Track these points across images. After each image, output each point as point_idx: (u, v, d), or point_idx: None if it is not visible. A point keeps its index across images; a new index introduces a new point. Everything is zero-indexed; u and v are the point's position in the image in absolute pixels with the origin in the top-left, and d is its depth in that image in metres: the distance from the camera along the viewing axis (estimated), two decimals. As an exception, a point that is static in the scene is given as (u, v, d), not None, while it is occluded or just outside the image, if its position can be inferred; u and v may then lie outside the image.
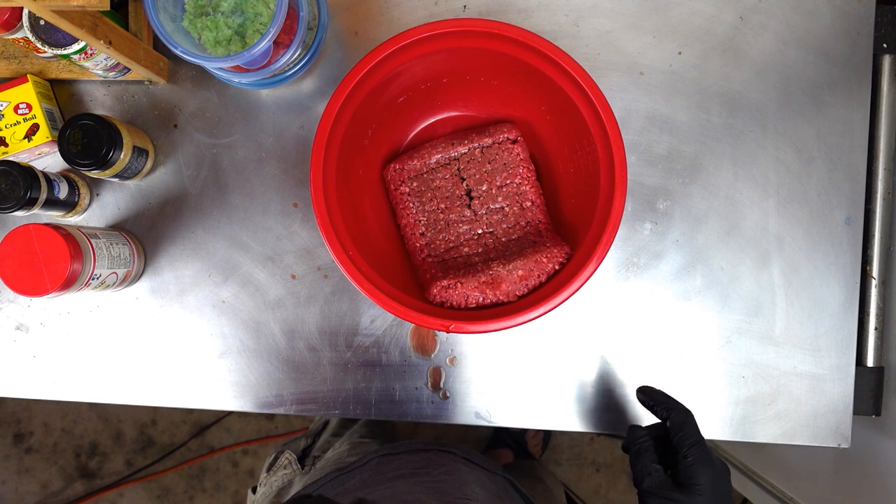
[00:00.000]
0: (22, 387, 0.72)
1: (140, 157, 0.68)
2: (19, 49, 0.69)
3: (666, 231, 0.71)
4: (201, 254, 0.72)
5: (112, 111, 0.72)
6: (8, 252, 0.59)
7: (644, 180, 0.71)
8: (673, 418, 0.54)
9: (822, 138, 0.71)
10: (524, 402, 0.72)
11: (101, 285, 0.66)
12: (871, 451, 0.78)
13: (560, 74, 0.58)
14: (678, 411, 0.54)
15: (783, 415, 0.71)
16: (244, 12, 0.60)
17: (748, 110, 0.71)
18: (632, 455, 0.54)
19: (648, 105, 0.71)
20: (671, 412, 0.54)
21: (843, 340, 0.71)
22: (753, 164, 0.71)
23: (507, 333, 0.71)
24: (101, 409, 1.69)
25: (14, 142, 0.68)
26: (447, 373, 0.72)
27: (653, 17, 0.71)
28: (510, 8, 0.71)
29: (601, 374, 0.71)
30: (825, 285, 0.71)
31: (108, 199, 0.72)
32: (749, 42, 0.71)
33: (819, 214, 0.71)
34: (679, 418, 0.53)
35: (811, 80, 0.71)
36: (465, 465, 0.68)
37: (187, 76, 0.71)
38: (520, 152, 0.66)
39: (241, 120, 0.71)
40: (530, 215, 0.66)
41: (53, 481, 1.67)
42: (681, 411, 0.54)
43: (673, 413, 0.54)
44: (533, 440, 1.54)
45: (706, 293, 0.71)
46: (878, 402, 0.73)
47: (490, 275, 0.61)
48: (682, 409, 0.54)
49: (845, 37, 0.70)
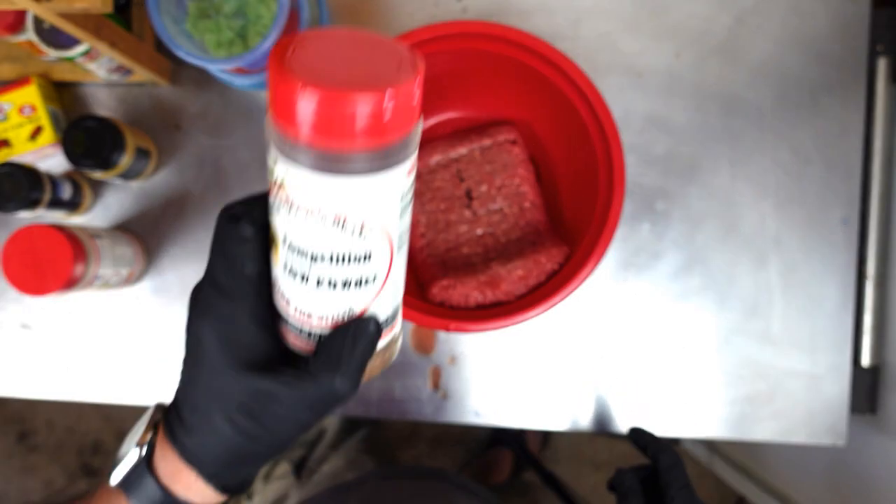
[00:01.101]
0: (25, 386, 0.73)
1: (143, 158, 0.68)
2: (24, 51, 0.69)
3: (664, 231, 0.72)
4: (203, 254, 0.72)
5: (115, 113, 0.72)
6: (12, 252, 0.60)
7: (642, 181, 0.72)
8: (662, 461, 0.54)
9: (818, 139, 0.71)
10: (524, 402, 0.72)
11: (104, 285, 0.66)
12: (866, 449, 0.79)
13: (559, 76, 0.59)
14: (668, 454, 0.55)
15: (780, 413, 0.72)
16: (246, 15, 0.61)
17: (745, 111, 0.71)
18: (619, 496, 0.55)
19: (647, 106, 0.71)
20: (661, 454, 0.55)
21: (839, 339, 0.72)
22: (751, 165, 0.72)
23: (506, 333, 0.72)
24: (104, 408, 1.69)
25: (18, 143, 0.68)
26: (447, 372, 0.72)
27: (651, 20, 0.71)
28: (510, 10, 0.71)
29: (600, 374, 0.72)
30: (822, 285, 0.72)
31: (111, 200, 0.72)
32: (746, 44, 0.71)
33: (816, 215, 0.72)
34: (668, 461, 0.54)
35: (808, 82, 0.71)
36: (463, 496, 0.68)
37: (190, 78, 0.72)
38: (519, 153, 0.66)
39: (242, 122, 0.72)
40: (530, 216, 0.66)
41: (57, 479, 1.68)
42: (670, 455, 0.55)
43: (662, 455, 0.55)
44: (532, 439, 1.54)
45: (704, 293, 0.72)
46: (874, 400, 0.74)
47: (490, 275, 0.62)
48: (672, 453, 0.55)
49: (841, 39, 0.71)
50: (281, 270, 0.27)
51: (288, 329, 0.30)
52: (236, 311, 0.29)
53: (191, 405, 0.31)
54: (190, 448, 0.31)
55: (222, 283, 0.29)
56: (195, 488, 0.32)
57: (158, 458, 0.32)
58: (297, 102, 0.21)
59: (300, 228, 0.25)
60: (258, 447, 0.31)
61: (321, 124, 0.21)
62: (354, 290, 0.27)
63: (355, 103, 0.21)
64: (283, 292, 0.28)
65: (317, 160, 0.22)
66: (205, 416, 0.30)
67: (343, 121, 0.21)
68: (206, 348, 0.29)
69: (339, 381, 0.28)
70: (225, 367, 0.29)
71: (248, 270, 0.29)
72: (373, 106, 0.21)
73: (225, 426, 0.30)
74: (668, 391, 0.72)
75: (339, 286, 0.27)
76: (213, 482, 0.32)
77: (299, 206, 0.24)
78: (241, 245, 0.28)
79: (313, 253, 0.25)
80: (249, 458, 0.32)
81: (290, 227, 0.25)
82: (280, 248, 0.26)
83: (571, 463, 1.61)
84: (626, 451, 1.59)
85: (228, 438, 0.30)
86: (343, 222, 0.24)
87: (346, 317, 0.28)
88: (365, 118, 0.21)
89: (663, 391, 0.72)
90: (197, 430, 0.31)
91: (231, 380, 0.29)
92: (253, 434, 0.30)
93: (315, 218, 0.24)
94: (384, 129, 0.22)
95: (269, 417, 0.29)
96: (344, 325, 0.28)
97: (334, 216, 0.24)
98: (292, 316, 0.29)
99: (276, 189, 0.25)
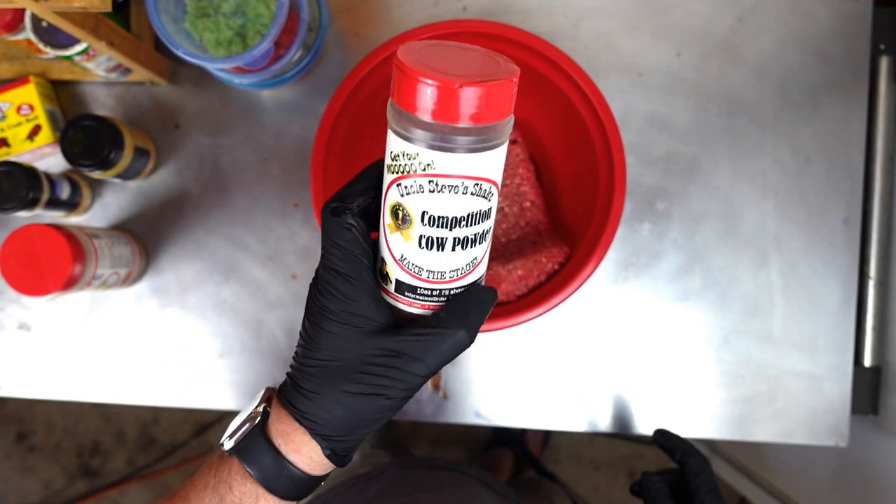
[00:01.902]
0: (24, 387, 0.73)
1: (142, 157, 0.68)
2: (22, 50, 0.69)
3: (665, 231, 0.72)
4: (202, 254, 0.72)
5: (114, 112, 0.72)
6: (10, 252, 0.60)
7: (643, 181, 0.71)
8: (691, 464, 0.54)
9: (819, 139, 0.71)
10: (524, 402, 0.72)
11: (102, 285, 0.66)
12: (868, 449, 0.79)
13: (559, 76, 0.58)
14: (697, 458, 0.55)
15: (781, 414, 0.72)
16: (245, 13, 0.61)
17: (746, 111, 0.71)
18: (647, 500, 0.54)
19: (647, 106, 0.71)
20: (689, 458, 0.55)
21: (840, 340, 0.71)
22: (752, 165, 0.71)
23: (506, 333, 0.72)
24: (102, 409, 1.69)
25: (17, 142, 0.68)
26: (447, 372, 0.72)
27: (652, 19, 0.71)
28: (510, 9, 0.71)
29: (600, 374, 0.72)
30: (823, 285, 0.71)
31: (109, 200, 0.72)
32: (747, 43, 0.71)
33: (817, 215, 0.71)
34: (697, 465, 0.54)
35: (809, 81, 0.71)
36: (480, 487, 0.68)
37: (189, 77, 0.71)
38: (519, 153, 0.66)
39: (242, 121, 0.72)
40: (530, 215, 0.66)
41: (55, 480, 1.68)
42: (699, 458, 0.55)
43: (692, 459, 0.54)
44: (533, 439, 1.54)
45: (705, 293, 0.72)
46: (876, 401, 0.73)
47: (490, 274, 0.61)
48: (701, 456, 0.55)
49: (842, 38, 0.71)
50: (413, 246, 0.33)
51: (409, 300, 0.34)
52: (355, 289, 0.33)
53: (309, 373, 0.34)
54: (306, 410, 0.34)
55: (339, 267, 0.33)
56: (305, 450, 0.35)
57: (272, 422, 0.35)
58: (459, 98, 0.28)
59: (443, 201, 0.31)
60: (372, 408, 0.33)
61: (480, 110, 0.29)
62: (478, 245, 0.34)
63: (501, 90, 0.29)
64: (415, 263, 0.33)
65: (469, 142, 0.30)
66: (325, 380, 0.33)
67: (492, 105, 0.29)
68: (330, 320, 0.33)
69: (464, 332, 0.33)
70: (351, 333, 0.33)
71: (357, 252, 0.33)
72: (509, 91, 0.30)
73: (349, 385, 0.33)
74: (668, 391, 0.72)
75: (469, 244, 0.33)
76: (323, 444, 0.34)
77: (445, 183, 0.31)
78: (349, 232, 0.33)
79: (454, 217, 0.32)
80: (362, 421, 0.34)
81: (431, 203, 0.31)
82: (415, 226, 0.32)
83: (571, 463, 1.61)
84: (627, 451, 1.58)
85: (347, 398, 0.33)
86: (479, 187, 0.31)
87: (471, 267, 0.34)
88: (504, 101, 0.30)
89: (664, 391, 0.72)
90: (315, 395, 0.34)
91: (358, 342, 0.33)
92: (371, 392, 0.33)
93: (460, 189, 0.31)
94: (509, 108, 0.30)
95: (393, 372, 0.33)
96: (468, 288, 0.34)
97: (474, 183, 0.31)
98: (424, 281, 0.34)
99: (414, 174, 0.31)
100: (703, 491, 0.52)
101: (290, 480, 0.35)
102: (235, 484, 0.35)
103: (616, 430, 0.72)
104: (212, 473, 0.36)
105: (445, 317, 0.33)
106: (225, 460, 0.36)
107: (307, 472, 0.35)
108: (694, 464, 0.54)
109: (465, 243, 0.33)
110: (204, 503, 0.35)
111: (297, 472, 0.35)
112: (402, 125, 0.30)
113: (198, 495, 0.35)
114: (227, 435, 0.36)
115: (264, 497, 0.34)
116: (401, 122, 0.30)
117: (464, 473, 0.71)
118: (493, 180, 0.32)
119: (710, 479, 0.53)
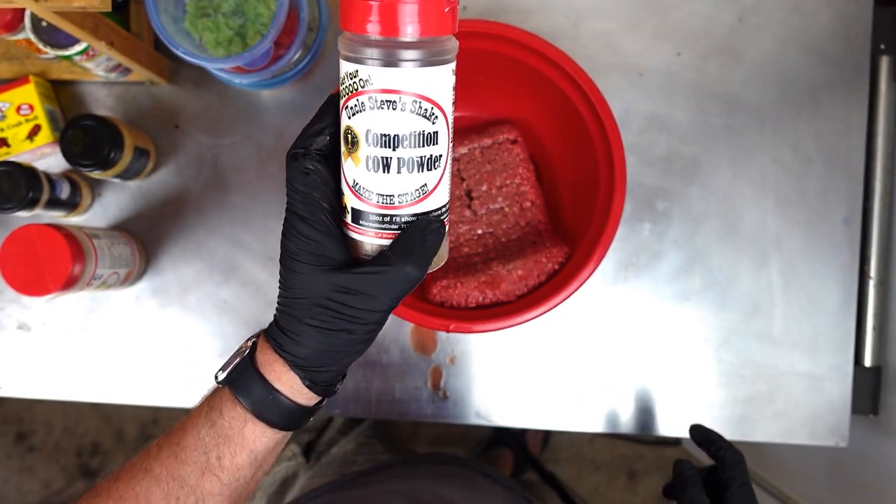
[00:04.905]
0: (24, 387, 0.73)
1: (141, 157, 0.68)
2: (21, 50, 0.69)
3: (665, 231, 0.72)
4: (202, 254, 0.72)
5: (114, 112, 0.72)
6: (10, 252, 0.60)
7: (643, 180, 0.71)
8: (728, 457, 0.55)
9: (820, 139, 0.71)
10: (524, 402, 0.72)
11: (102, 285, 0.66)
12: (868, 449, 0.79)
13: (559, 75, 0.58)
14: (733, 451, 0.55)
15: (781, 414, 0.72)
16: (245, 13, 0.61)
17: (746, 111, 0.71)
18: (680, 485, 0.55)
19: (647, 106, 0.71)
20: (726, 451, 0.55)
21: (841, 340, 0.71)
22: (752, 165, 0.71)
23: (506, 333, 0.72)
24: (102, 409, 1.69)
25: (16, 142, 0.68)
26: (447, 372, 0.72)
27: (652, 19, 0.71)
28: (510, 9, 0.71)
29: (600, 374, 0.72)
30: (823, 285, 0.71)
31: (109, 200, 0.72)
32: (747, 43, 0.71)
33: (817, 214, 0.71)
34: (734, 458, 0.54)
35: (809, 81, 0.71)
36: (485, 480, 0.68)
37: (188, 77, 0.71)
38: (519, 153, 0.66)
39: (241, 120, 0.72)
40: (530, 215, 0.66)
41: (55, 480, 1.68)
42: (735, 452, 0.55)
43: (729, 452, 0.55)
44: (533, 439, 1.54)
45: (705, 293, 0.72)
46: (876, 401, 0.73)
47: (490, 274, 0.61)
48: (737, 451, 0.55)
49: (843, 38, 0.71)
50: (362, 169, 0.34)
51: (364, 229, 0.36)
52: (313, 229, 0.35)
53: (283, 311, 0.37)
54: (282, 342, 0.37)
55: (298, 210, 0.35)
56: (285, 379, 0.37)
57: (259, 355, 0.38)
58: (383, 10, 0.31)
59: (384, 118, 0.32)
60: (338, 342, 0.36)
61: (405, 23, 0.31)
62: (426, 171, 0.34)
63: (427, 4, 0.31)
64: (365, 187, 0.34)
65: (402, 56, 0.32)
66: (295, 315, 0.36)
67: (420, 19, 0.31)
68: (295, 260, 0.36)
69: (411, 267, 0.34)
70: (311, 272, 0.35)
71: (316, 195, 0.35)
72: (438, 7, 0.32)
73: (312, 320, 0.35)
74: (668, 391, 0.72)
75: (415, 167, 0.34)
76: (301, 374, 0.37)
77: (383, 98, 0.32)
78: (307, 176, 0.35)
79: (396, 135, 0.33)
80: (334, 354, 0.37)
81: (373, 121, 0.33)
82: (361, 147, 0.33)
83: (571, 463, 1.61)
84: (627, 451, 1.58)
85: (314, 332, 0.36)
86: (419, 105, 0.32)
87: (422, 194, 0.35)
88: (433, 16, 0.32)
89: (664, 391, 0.72)
90: (288, 330, 0.37)
91: (316, 280, 0.35)
92: (334, 327, 0.35)
93: (398, 105, 0.32)
94: (440, 26, 0.32)
95: (350, 309, 0.35)
96: (415, 222, 0.35)
97: (412, 100, 0.32)
98: (375, 206, 0.35)
99: (357, 92, 0.33)
100: (735, 483, 0.53)
101: (278, 407, 0.37)
102: (225, 410, 0.37)
103: (616, 429, 0.72)
104: (205, 403, 0.39)
105: (391, 254, 0.35)
106: (217, 391, 0.39)
107: (292, 399, 0.37)
108: (730, 456, 0.54)
109: (410, 166, 0.34)
110: (198, 429, 0.38)
111: (284, 399, 0.37)
112: (342, 46, 0.33)
113: (193, 423, 0.38)
114: (219, 368, 0.39)
115: (252, 421, 0.37)
116: (342, 43, 0.33)
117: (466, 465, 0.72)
118: (434, 101, 0.33)
119: (744, 473, 0.54)
